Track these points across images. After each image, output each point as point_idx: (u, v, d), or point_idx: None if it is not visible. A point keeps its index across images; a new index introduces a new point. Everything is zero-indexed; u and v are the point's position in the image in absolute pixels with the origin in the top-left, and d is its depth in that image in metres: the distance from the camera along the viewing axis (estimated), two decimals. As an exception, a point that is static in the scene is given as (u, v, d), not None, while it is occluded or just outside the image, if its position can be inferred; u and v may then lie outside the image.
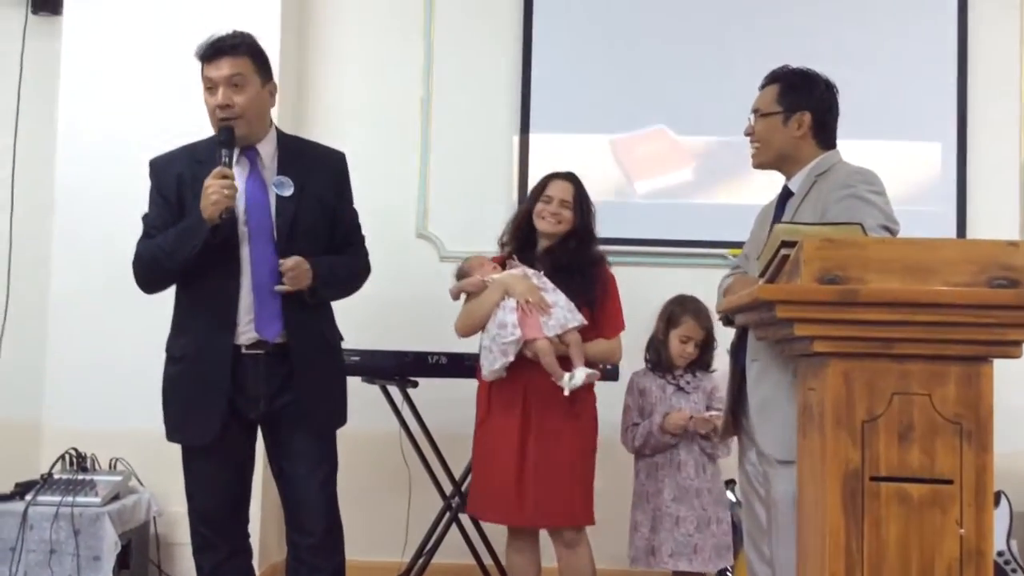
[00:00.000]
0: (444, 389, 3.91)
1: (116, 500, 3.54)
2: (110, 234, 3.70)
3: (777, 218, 2.68)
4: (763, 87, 2.74)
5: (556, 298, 3.10)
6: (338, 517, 2.82)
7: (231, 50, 2.68)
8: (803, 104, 2.63)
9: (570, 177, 3.27)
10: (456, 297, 3.29)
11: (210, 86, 2.70)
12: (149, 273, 2.77)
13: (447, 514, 3.76)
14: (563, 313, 3.07)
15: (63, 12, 4.12)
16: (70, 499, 3.41)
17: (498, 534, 3.65)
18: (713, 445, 3.29)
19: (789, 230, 1.98)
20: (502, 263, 3.28)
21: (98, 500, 3.44)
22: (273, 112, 3.52)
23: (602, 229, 3.34)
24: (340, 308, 2.95)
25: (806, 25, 4.25)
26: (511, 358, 3.05)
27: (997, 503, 3.78)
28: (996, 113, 4.23)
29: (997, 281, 1.74)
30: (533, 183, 4.16)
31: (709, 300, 3.23)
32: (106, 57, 4.03)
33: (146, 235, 2.80)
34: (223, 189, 2.58)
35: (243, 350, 2.71)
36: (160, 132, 2.98)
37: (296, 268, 2.65)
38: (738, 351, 2.62)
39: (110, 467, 3.69)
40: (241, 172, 2.75)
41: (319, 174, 2.82)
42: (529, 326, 3.04)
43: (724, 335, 3.11)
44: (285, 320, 2.71)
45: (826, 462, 1.78)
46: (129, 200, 3.06)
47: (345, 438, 2.89)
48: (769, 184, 4.14)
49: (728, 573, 3.60)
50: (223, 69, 2.66)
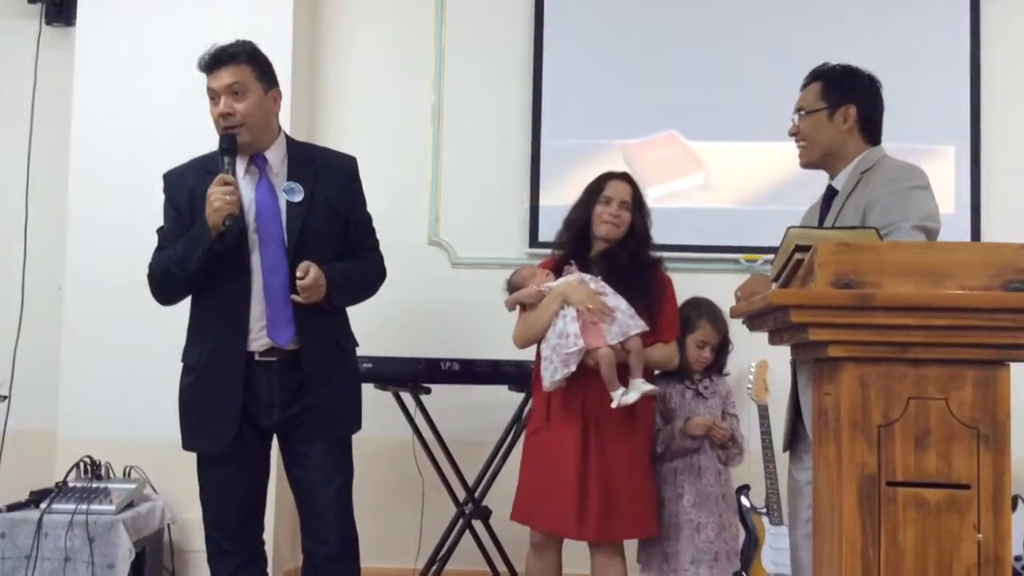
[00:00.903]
0: (457, 396, 3.91)
1: (130, 508, 3.55)
2: (123, 243, 3.72)
3: (823, 218, 2.65)
4: (805, 86, 2.71)
5: (617, 303, 3.02)
6: (353, 526, 2.82)
7: (230, 59, 2.69)
8: (847, 98, 2.62)
9: (626, 177, 3.22)
10: (512, 309, 3.21)
11: (212, 96, 2.71)
12: (163, 284, 2.78)
13: (460, 521, 3.76)
14: (625, 319, 3.00)
15: (76, 23, 4.15)
16: (84, 507, 3.42)
17: (512, 541, 3.64)
18: (729, 454, 3.27)
19: (802, 234, 1.97)
20: (553, 268, 3.20)
21: (112, 508, 3.45)
22: (286, 119, 3.53)
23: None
24: (352, 315, 2.95)
25: (817, 30, 4.24)
26: (572, 368, 2.96)
27: (1015, 507, 3.75)
28: (1009, 116, 4.22)
29: (1013, 284, 1.73)
30: (544, 189, 4.20)
31: (721, 304, 3.22)
32: (119, 67, 4.05)
33: (160, 248, 2.81)
34: (225, 196, 2.59)
35: (256, 357, 2.71)
36: (174, 142, 3.00)
37: (309, 288, 2.64)
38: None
39: (124, 475, 3.70)
40: (251, 180, 2.76)
41: (329, 179, 2.82)
42: (591, 334, 2.96)
43: (739, 338, 3.10)
44: (298, 326, 2.71)
45: (842, 467, 1.77)
46: (143, 210, 3.08)
47: (358, 445, 2.89)
48: (781, 187, 4.15)
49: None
50: (223, 78, 2.68)
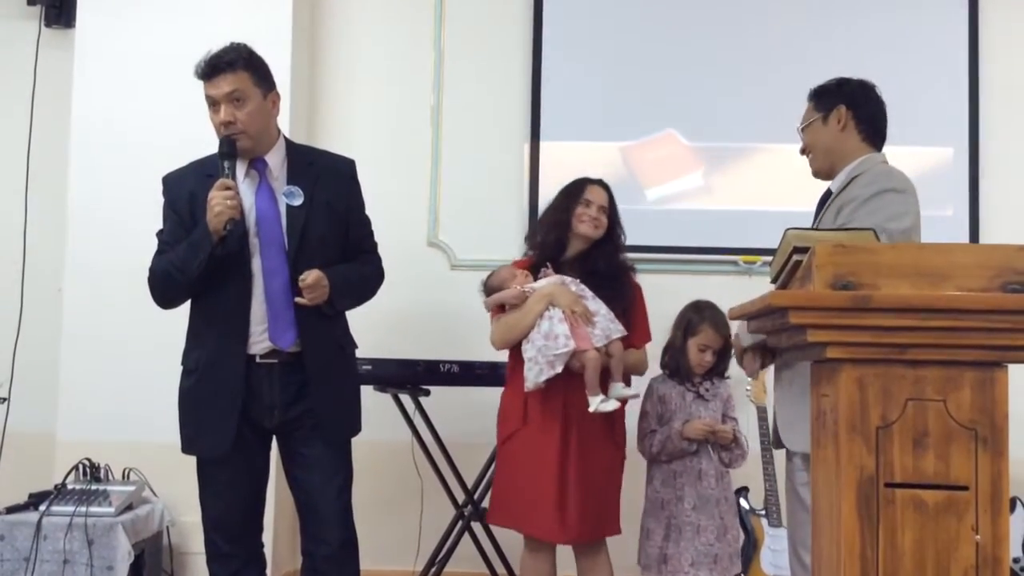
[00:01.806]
0: (456, 398, 3.91)
1: (129, 510, 3.55)
2: (123, 245, 3.73)
3: (816, 217, 2.73)
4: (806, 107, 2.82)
5: (598, 307, 3.05)
6: (353, 527, 2.82)
7: (228, 67, 2.68)
8: (835, 100, 2.71)
9: (603, 184, 3.24)
10: (492, 309, 3.21)
11: (212, 104, 2.71)
12: (163, 288, 2.78)
13: (459, 523, 3.76)
14: (606, 323, 3.02)
15: (76, 25, 4.15)
16: (84, 509, 3.42)
17: (511, 543, 3.64)
18: (732, 455, 3.27)
19: (801, 236, 1.97)
20: (528, 268, 3.20)
21: (111, 510, 3.45)
22: (285, 123, 3.52)
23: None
24: (351, 317, 2.95)
25: (816, 32, 4.25)
26: (559, 370, 2.97)
27: (1013, 509, 3.75)
28: (1008, 117, 4.23)
29: (1011, 286, 1.73)
30: (543, 191, 4.20)
31: (720, 306, 3.22)
32: (118, 69, 4.06)
33: (160, 251, 2.81)
34: (226, 200, 2.59)
35: (257, 359, 2.72)
36: (173, 143, 3.00)
37: (313, 288, 2.65)
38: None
39: (123, 477, 3.70)
40: (251, 184, 2.76)
41: (329, 182, 2.83)
42: (580, 337, 2.98)
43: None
44: (299, 329, 2.71)
45: (840, 468, 1.77)
46: (142, 212, 3.08)
47: (357, 447, 2.89)
48: (780, 190, 4.15)
49: (742, 579, 3.60)
50: (222, 87, 2.67)
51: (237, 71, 2.68)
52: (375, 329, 3.66)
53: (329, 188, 2.82)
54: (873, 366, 1.76)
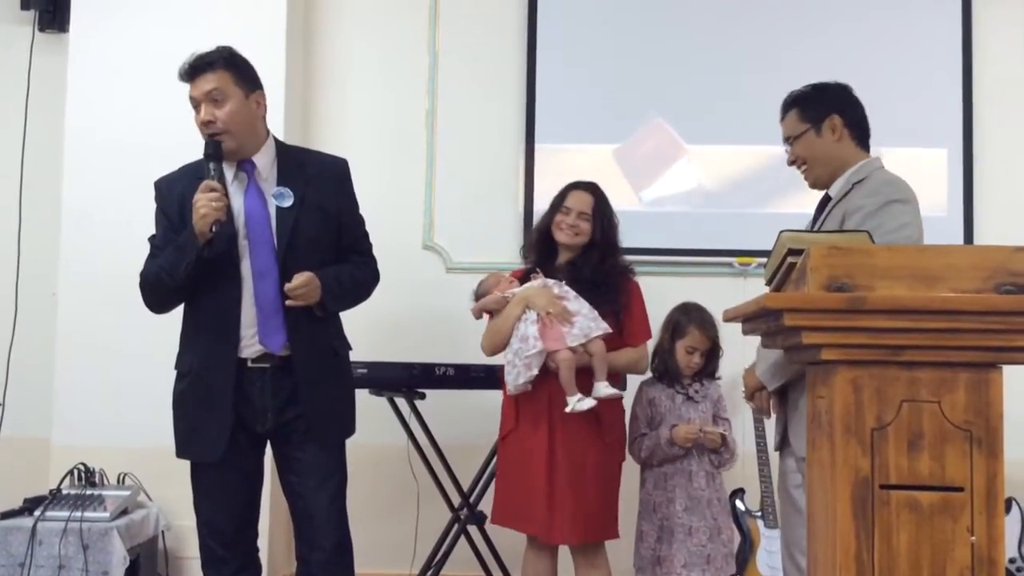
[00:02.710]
0: (452, 401, 3.91)
1: (124, 515, 3.55)
2: (117, 250, 3.72)
3: (815, 222, 2.72)
4: (782, 118, 2.78)
5: (579, 306, 3.05)
6: (348, 531, 2.81)
7: (207, 67, 2.67)
8: (825, 109, 2.68)
9: (590, 187, 3.23)
10: (479, 316, 3.25)
11: (194, 105, 2.70)
12: (154, 293, 2.78)
13: (456, 526, 3.76)
14: (586, 322, 3.03)
15: (69, 29, 4.15)
16: (79, 514, 3.41)
17: (508, 546, 3.64)
18: (721, 458, 3.28)
19: (795, 238, 1.97)
20: (522, 276, 3.24)
21: (107, 515, 3.45)
22: (279, 126, 3.51)
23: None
24: (346, 320, 2.95)
25: (810, 34, 4.25)
26: (535, 372, 3.00)
27: (1008, 510, 3.76)
28: (1002, 118, 4.23)
29: (1005, 287, 1.73)
30: (539, 194, 4.20)
31: (715, 308, 3.22)
32: (112, 73, 4.06)
33: (152, 256, 2.80)
34: (211, 202, 2.58)
35: (249, 363, 2.71)
36: (167, 147, 3.00)
37: (307, 285, 2.65)
38: None
39: (118, 482, 3.69)
40: (239, 186, 2.75)
41: (320, 183, 2.81)
42: (551, 337, 2.99)
43: (734, 342, 3.10)
44: (289, 332, 2.70)
45: (835, 470, 1.77)
46: (137, 216, 3.08)
47: (353, 450, 2.89)
48: (775, 192, 4.16)
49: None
50: (201, 86, 2.67)
51: (216, 70, 2.67)
52: (370, 332, 3.66)
53: (320, 189, 2.80)
54: (868, 368, 1.76)
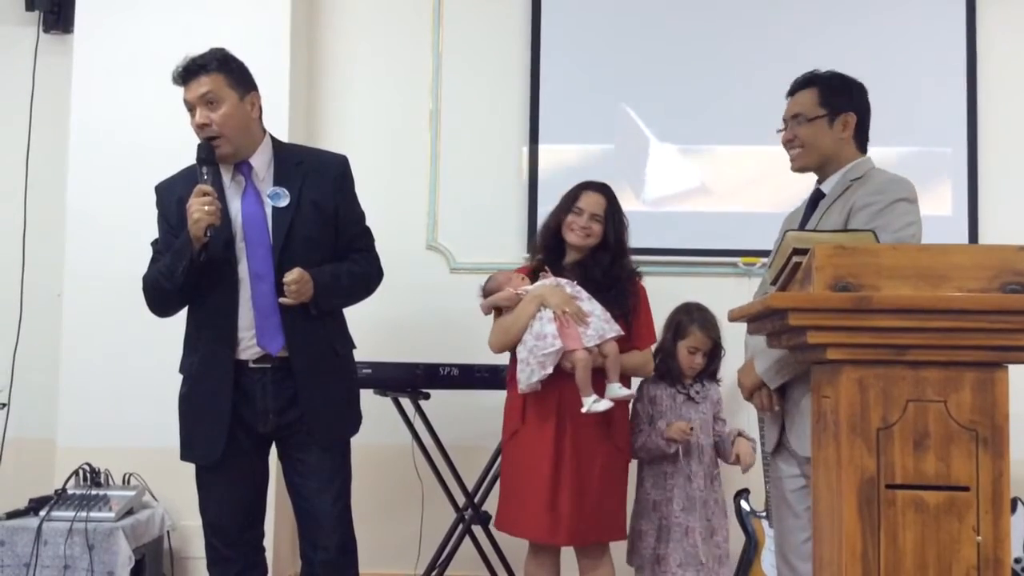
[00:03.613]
0: (456, 401, 3.91)
1: (130, 515, 3.55)
2: (122, 250, 3.72)
3: (807, 218, 2.69)
4: (794, 91, 2.73)
5: (592, 308, 3.05)
6: (352, 531, 2.82)
7: (200, 69, 2.67)
8: (847, 106, 2.66)
9: (603, 189, 3.22)
10: (488, 312, 3.23)
11: (189, 108, 2.70)
12: (155, 297, 2.78)
13: (460, 526, 3.76)
14: (600, 323, 3.02)
15: (74, 30, 4.15)
16: (84, 514, 3.42)
17: (512, 547, 3.64)
18: (744, 463, 3.28)
19: (800, 237, 1.97)
20: (529, 274, 3.23)
21: (112, 515, 3.45)
22: (283, 126, 3.51)
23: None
24: (350, 320, 2.95)
25: (814, 34, 4.25)
26: (549, 370, 2.99)
27: (1014, 509, 3.75)
28: (1006, 116, 4.23)
29: (1010, 286, 1.73)
30: (542, 194, 4.20)
31: (720, 308, 3.22)
32: (117, 74, 4.06)
33: (153, 260, 2.81)
34: (204, 207, 2.57)
35: (250, 364, 2.71)
36: (172, 149, 3.00)
37: (298, 281, 2.63)
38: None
39: (124, 482, 3.70)
40: (236, 189, 2.74)
41: (317, 180, 2.79)
42: (569, 337, 2.99)
43: (737, 342, 3.09)
44: (286, 333, 2.69)
45: (841, 470, 1.77)
46: (141, 217, 3.08)
47: (357, 451, 2.89)
48: (778, 192, 4.15)
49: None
50: (195, 89, 2.67)
51: (210, 73, 2.67)
52: (375, 333, 3.65)
53: (317, 187, 2.78)
54: (873, 367, 1.77)
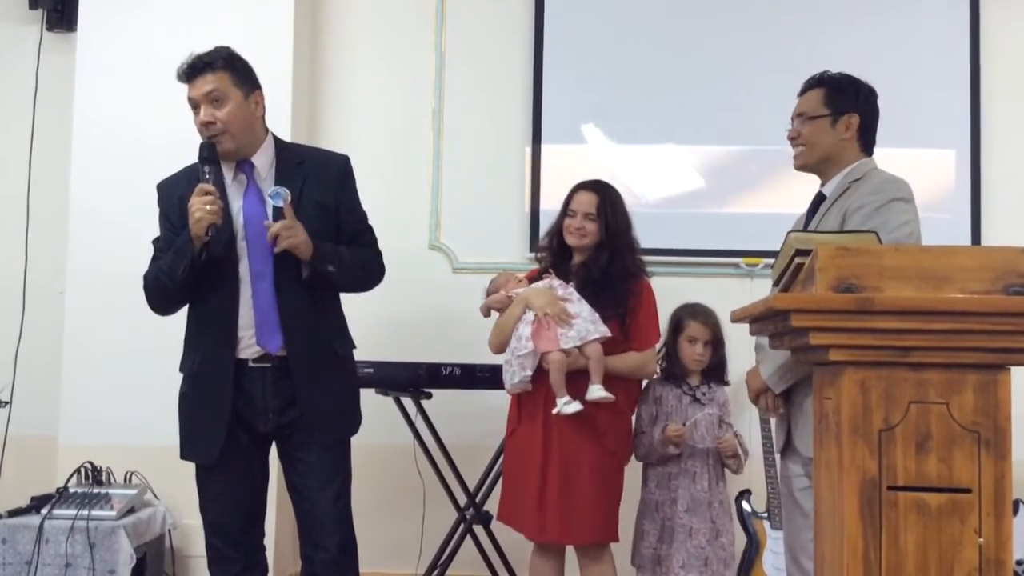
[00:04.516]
0: (458, 401, 3.91)
1: (131, 513, 3.56)
2: (125, 249, 3.71)
3: (808, 222, 2.71)
4: (804, 91, 2.75)
5: (580, 309, 3.05)
6: (352, 531, 2.81)
7: (205, 67, 2.67)
8: (851, 107, 2.67)
9: (594, 186, 3.21)
10: (486, 314, 3.27)
11: (193, 106, 2.70)
12: (156, 295, 2.78)
13: (461, 526, 3.76)
14: (585, 325, 3.02)
15: (77, 29, 4.16)
16: (85, 513, 3.42)
17: (513, 546, 3.64)
18: (738, 462, 3.28)
19: (803, 238, 1.97)
20: (534, 278, 3.25)
21: (113, 513, 3.45)
22: (286, 126, 3.50)
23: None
24: (352, 319, 2.95)
25: (817, 35, 4.25)
26: (529, 372, 3.02)
27: (1016, 511, 3.75)
28: (1009, 119, 4.22)
29: (1013, 288, 1.72)
30: (545, 194, 4.21)
31: (722, 309, 3.21)
32: (120, 73, 4.06)
33: (154, 259, 2.81)
34: (205, 206, 2.57)
35: (250, 364, 2.70)
36: (175, 147, 3.00)
37: (289, 227, 2.59)
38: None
39: (125, 480, 3.70)
40: (238, 187, 2.74)
41: (318, 179, 2.79)
42: (544, 338, 3.01)
43: (740, 343, 3.10)
44: (284, 332, 2.69)
45: (843, 471, 1.77)
46: (144, 215, 3.07)
47: (359, 450, 2.89)
48: (781, 192, 4.15)
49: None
50: (200, 88, 2.66)
51: (216, 71, 2.67)
52: (377, 332, 3.66)
53: (318, 186, 2.78)
54: (876, 369, 1.76)
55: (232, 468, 2.74)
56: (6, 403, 4.11)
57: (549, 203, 4.19)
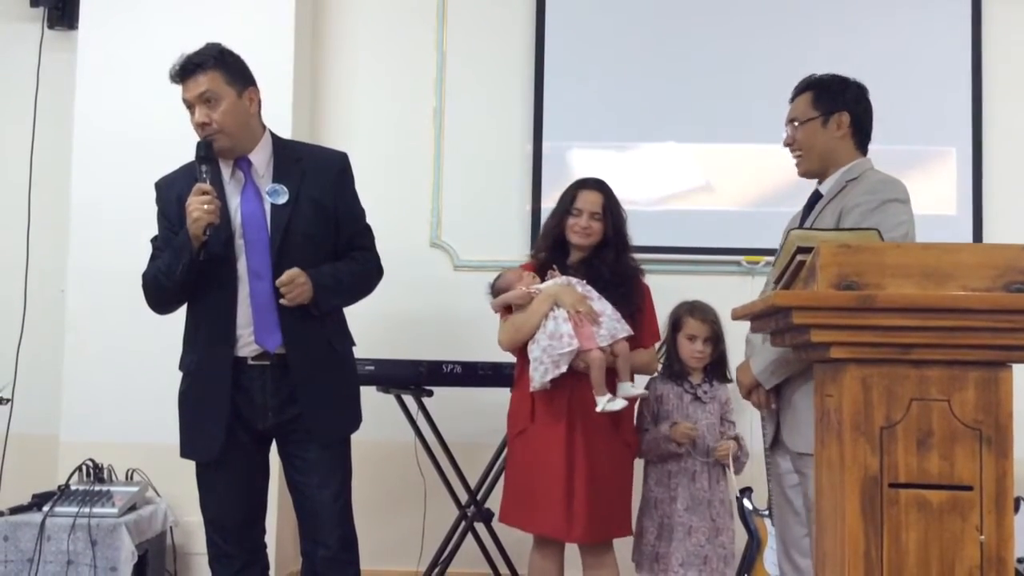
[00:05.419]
0: (459, 398, 3.91)
1: (133, 510, 3.56)
2: (126, 247, 3.71)
3: (804, 218, 2.72)
4: (794, 98, 2.77)
5: (603, 307, 3.05)
6: (352, 528, 2.82)
7: (196, 68, 2.65)
8: (839, 105, 2.67)
9: (599, 186, 3.21)
10: (499, 311, 3.22)
11: (188, 106, 2.69)
12: (155, 294, 2.78)
13: (463, 523, 3.76)
14: (612, 323, 3.03)
15: (78, 27, 4.16)
16: (87, 510, 3.42)
17: (514, 543, 3.64)
18: (738, 463, 3.28)
19: (804, 236, 1.97)
20: (535, 271, 3.22)
21: (115, 511, 3.46)
22: (287, 125, 3.50)
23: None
24: (353, 317, 2.95)
25: (818, 32, 4.25)
26: (563, 369, 2.99)
27: (1017, 509, 3.73)
28: (1011, 116, 4.22)
29: (1015, 286, 1.72)
30: (546, 192, 4.20)
31: (722, 307, 3.21)
32: (121, 71, 4.06)
33: (153, 257, 2.81)
34: (203, 206, 2.57)
35: (249, 362, 2.70)
36: (176, 146, 2.99)
37: (291, 283, 2.62)
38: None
39: (127, 478, 3.70)
40: (236, 185, 2.74)
41: (316, 177, 2.78)
42: (584, 336, 2.99)
43: (740, 342, 3.09)
44: (283, 331, 2.69)
45: (844, 469, 1.77)
46: (145, 213, 3.07)
47: (360, 447, 2.89)
48: (782, 190, 4.15)
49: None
50: (193, 88, 2.65)
51: (207, 71, 2.65)
52: (378, 330, 3.66)
53: (316, 184, 2.77)
54: (877, 366, 1.76)
55: (232, 466, 2.73)
56: (7, 401, 4.11)
57: (550, 201, 4.16)
